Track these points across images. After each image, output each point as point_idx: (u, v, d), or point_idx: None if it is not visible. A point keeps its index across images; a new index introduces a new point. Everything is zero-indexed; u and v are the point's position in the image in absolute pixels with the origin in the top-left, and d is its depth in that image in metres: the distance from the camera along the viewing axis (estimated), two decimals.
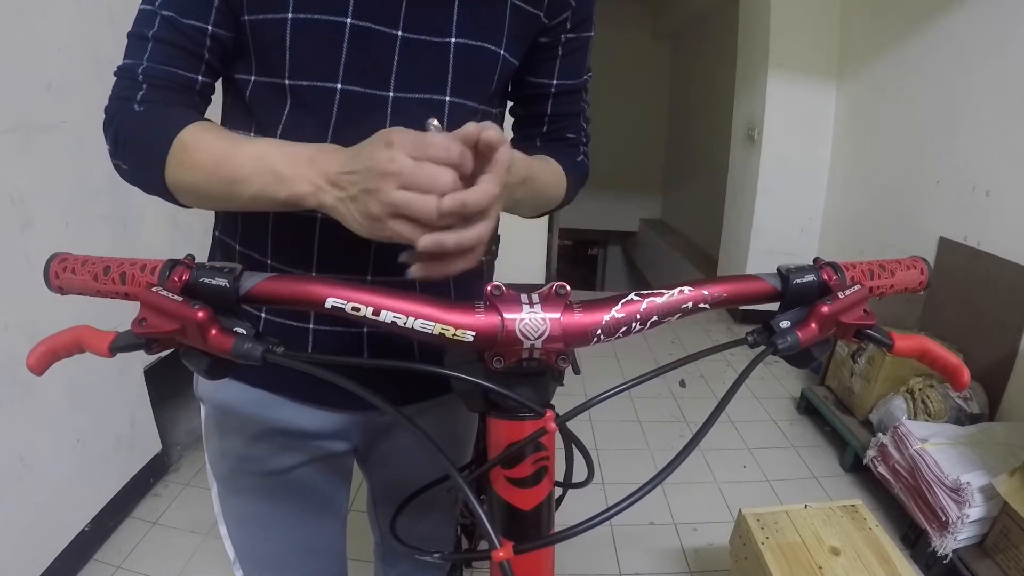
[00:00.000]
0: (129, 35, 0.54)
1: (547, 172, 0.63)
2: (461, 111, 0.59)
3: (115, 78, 0.55)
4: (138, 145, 0.52)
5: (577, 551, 1.63)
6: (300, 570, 0.75)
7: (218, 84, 0.61)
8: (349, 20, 0.53)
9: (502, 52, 0.60)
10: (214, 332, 0.40)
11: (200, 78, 0.55)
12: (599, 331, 0.42)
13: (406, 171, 0.40)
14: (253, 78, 0.57)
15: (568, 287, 0.43)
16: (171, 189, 0.52)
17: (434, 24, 0.56)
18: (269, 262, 0.61)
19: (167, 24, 0.52)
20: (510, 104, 0.73)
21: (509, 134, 0.75)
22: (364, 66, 0.55)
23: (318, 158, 0.45)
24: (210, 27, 0.53)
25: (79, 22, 1.43)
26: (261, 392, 0.65)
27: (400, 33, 0.55)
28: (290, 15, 0.52)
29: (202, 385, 0.68)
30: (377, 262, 0.60)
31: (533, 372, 0.44)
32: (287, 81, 0.55)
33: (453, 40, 0.57)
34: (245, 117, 0.59)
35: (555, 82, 0.68)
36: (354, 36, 0.54)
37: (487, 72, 0.60)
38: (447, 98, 0.58)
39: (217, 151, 0.49)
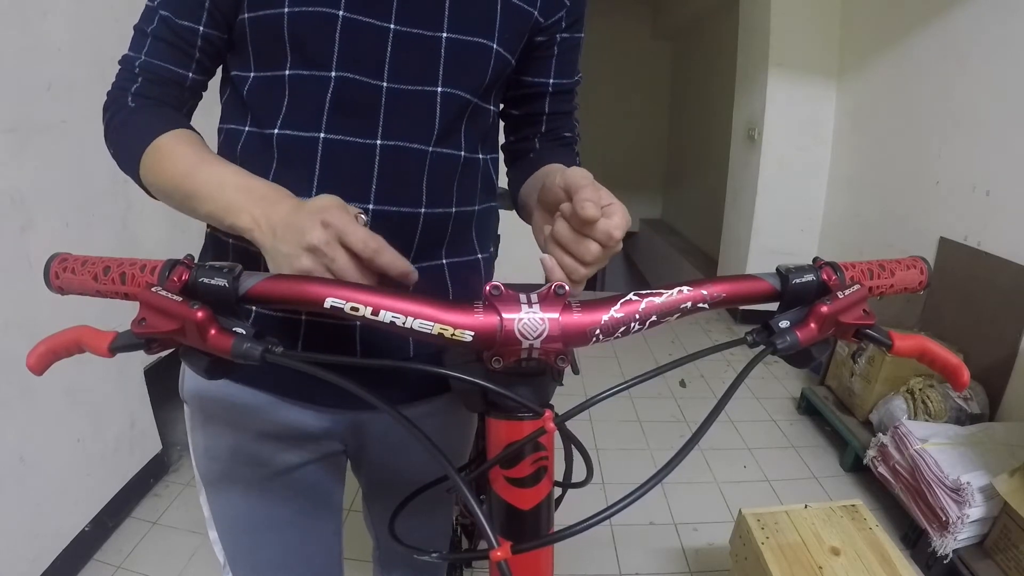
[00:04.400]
0: (135, 28, 0.58)
1: None
2: (453, 102, 0.60)
3: (119, 66, 0.59)
4: (121, 140, 0.58)
5: (577, 551, 1.63)
6: (294, 574, 0.73)
7: (213, 82, 0.63)
8: (341, 12, 0.55)
9: (495, 46, 0.61)
10: (213, 332, 0.40)
11: (190, 75, 0.59)
12: (598, 331, 0.42)
13: (325, 252, 0.44)
14: (252, 74, 0.59)
15: (567, 287, 0.43)
16: (144, 186, 0.57)
17: (426, 18, 0.58)
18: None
19: (163, 23, 0.57)
20: (502, 106, 0.73)
21: (502, 138, 0.76)
22: (357, 57, 0.56)
23: (268, 198, 0.49)
24: (201, 28, 0.57)
25: (79, 22, 1.43)
26: (249, 391, 0.64)
27: (392, 26, 0.57)
28: (286, 9, 0.55)
29: (188, 386, 0.67)
30: None
31: (532, 372, 0.44)
32: (286, 72, 0.57)
33: (444, 35, 0.58)
34: (242, 111, 0.60)
35: (552, 81, 0.70)
36: (346, 28, 0.55)
37: (480, 66, 0.61)
38: (439, 89, 0.59)
39: (184, 165, 0.53)
